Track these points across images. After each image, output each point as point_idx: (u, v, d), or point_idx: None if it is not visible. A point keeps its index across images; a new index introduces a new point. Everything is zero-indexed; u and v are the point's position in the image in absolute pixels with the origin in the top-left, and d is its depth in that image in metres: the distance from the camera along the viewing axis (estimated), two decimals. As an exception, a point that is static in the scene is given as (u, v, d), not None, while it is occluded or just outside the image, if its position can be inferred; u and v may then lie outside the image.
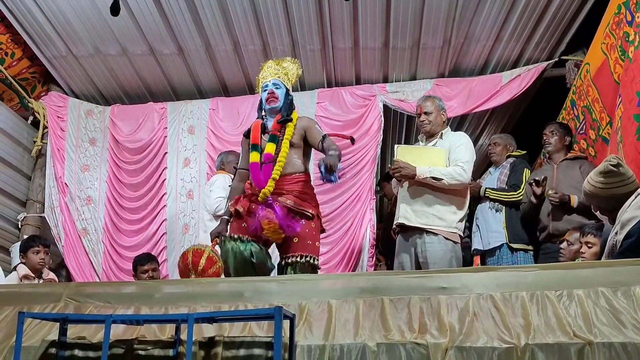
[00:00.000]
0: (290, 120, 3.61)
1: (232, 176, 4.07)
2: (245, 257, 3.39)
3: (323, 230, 3.70)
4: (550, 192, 4.17)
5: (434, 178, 3.66)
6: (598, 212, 3.07)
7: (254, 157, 3.54)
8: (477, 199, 4.75)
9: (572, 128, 4.91)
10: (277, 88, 3.65)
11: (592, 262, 3.30)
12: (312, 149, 3.72)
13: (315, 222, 3.52)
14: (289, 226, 3.34)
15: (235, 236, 3.44)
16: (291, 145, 3.54)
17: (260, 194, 3.39)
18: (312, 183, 3.68)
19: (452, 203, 3.75)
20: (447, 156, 3.80)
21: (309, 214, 3.47)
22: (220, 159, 5.02)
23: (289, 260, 3.42)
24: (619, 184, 2.89)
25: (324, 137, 3.55)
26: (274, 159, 3.48)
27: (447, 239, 3.68)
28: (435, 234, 3.69)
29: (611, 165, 2.89)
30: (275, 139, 3.54)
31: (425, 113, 3.95)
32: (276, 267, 3.60)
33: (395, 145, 4.00)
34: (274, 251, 3.68)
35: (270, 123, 3.61)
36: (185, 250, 3.50)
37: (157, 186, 5.73)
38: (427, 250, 3.67)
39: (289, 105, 3.69)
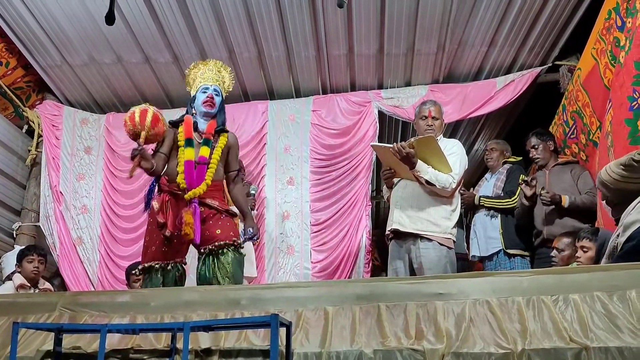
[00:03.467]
0: (225, 131, 3.69)
1: None
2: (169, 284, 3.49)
3: None
4: (542, 192, 4.20)
5: (427, 181, 3.66)
6: (604, 201, 3.04)
7: (189, 153, 3.54)
8: (472, 207, 4.78)
9: (560, 133, 4.95)
10: (216, 95, 3.68)
11: (587, 266, 3.31)
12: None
13: (235, 220, 3.67)
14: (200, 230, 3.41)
15: (157, 266, 3.48)
16: (221, 154, 3.63)
17: (190, 193, 3.43)
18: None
19: (446, 208, 3.74)
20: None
21: (232, 211, 3.63)
22: None
23: (213, 246, 3.43)
24: (635, 180, 2.84)
25: (239, 172, 3.81)
26: (208, 163, 3.54)
27: (441, 244, 3.67)
28: (430, 240, 3.67)
29: (634, 160, 2.83)
30: (209, 144, 3.59)
31: (434, 118, 3.94)
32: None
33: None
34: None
35: (204, 126, 3.64)
36: (130, 111, 3.49)
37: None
38: (422, 256, 3.65)
39: (223, 115, 3.74)
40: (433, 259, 3.63)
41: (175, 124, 3.68)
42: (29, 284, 4.42)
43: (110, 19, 3.42)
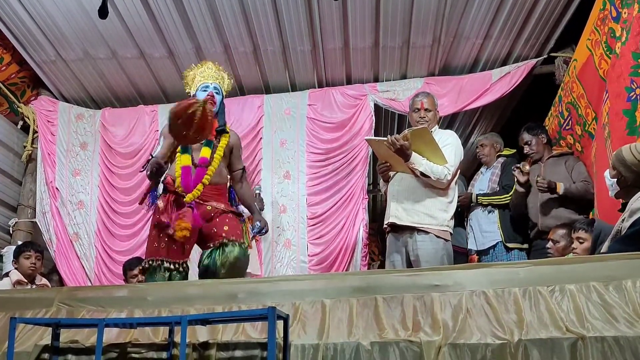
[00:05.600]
0: (227, 132, 3.63)
1: None
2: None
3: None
4: (538, 178, 4.22)
5: (422, 173, 3.66)
6: (615, 180, 3.02)
7: (186, 159, 3.49)
8: (469, 206, 4.80)
9: (556, 124, 4.96)
10: (217, 93, 3.63)
11: (583, 257, 3.33)
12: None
13: (240, 221, 3.62)
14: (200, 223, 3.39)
15: (160, 262, 3.39)
16: (223, 155, 3.58)
17: (188, 197, 3.40)
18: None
19: (442, 201, 3.74)
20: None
21: (238, 211, 3.59)
22: None
23: (219, 242, 3.41)
24: None
25: (243, 170, 3.73)
26: (209, 164, 3.49)
27: (438, 237, 3.67)
28: (427, 232, 3.67)
29: None
30: (211, 145, 3.54)
31: (426, 109, 3.92)
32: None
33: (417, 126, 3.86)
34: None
35: None
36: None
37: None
38: (419, 248, 3.66)
39: (224, 115, 3.69)
40: (430, 252, 3.64)
41: None
42: (25, 280, 4.42)
43: (103, 12, 3.41)
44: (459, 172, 3.89)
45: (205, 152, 3.51)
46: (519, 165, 4.32)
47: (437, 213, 3.70)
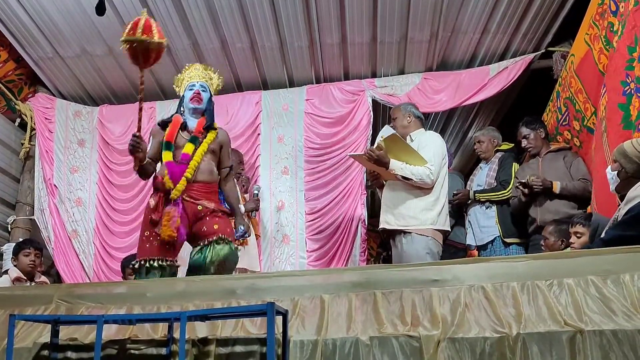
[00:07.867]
0: (214, 129, 3.66)
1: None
2: None
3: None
4: (532, 177, 4.22)
5: (403, 177, 3.81)
6: (616, 173, 3.08)
7: (167, 156, 3.53)
8: (467, 202, 4.81)
9: (554, 120, 4.96)
10: (203, 91, 3.68)
11: (581, 251, 3.32)
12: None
13: (231, 220, 3.67)
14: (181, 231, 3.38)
15: (155, 264, 3.43)
16: (211, 151, 3.60)
17: (173, 193, 3.42)
18: None
19: (426, 200, 3.86)
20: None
21: (228, 211, 3.62)
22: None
23: (211, 239, 3.43)
24: None
25: (231, 168, 3.75)
26: (190, 160, 3.51)
27: (420, 235, 3.80)
28: (410, 233, 3.82)
29: None
30: (196, 141, 3.56)
31: (394, 119, 4.17)
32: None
33: (387, 126, 4.01)
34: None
35: (193, 124, 3.62)
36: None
37: (147, 187, 5.70)
38: (404, 250, 3.82)
39: (212, 113, 3.72)
40: (412, 252, 3.77)
41: (164, 125, 3.67)
42: (25, 278, 4.42)
43: (100, 9, 3.40)
44: (444, 169, 4.00)
45: (189, 148, 3.54)
46: (523, 181, 4.30)
47: (419, 214, 3.84)
